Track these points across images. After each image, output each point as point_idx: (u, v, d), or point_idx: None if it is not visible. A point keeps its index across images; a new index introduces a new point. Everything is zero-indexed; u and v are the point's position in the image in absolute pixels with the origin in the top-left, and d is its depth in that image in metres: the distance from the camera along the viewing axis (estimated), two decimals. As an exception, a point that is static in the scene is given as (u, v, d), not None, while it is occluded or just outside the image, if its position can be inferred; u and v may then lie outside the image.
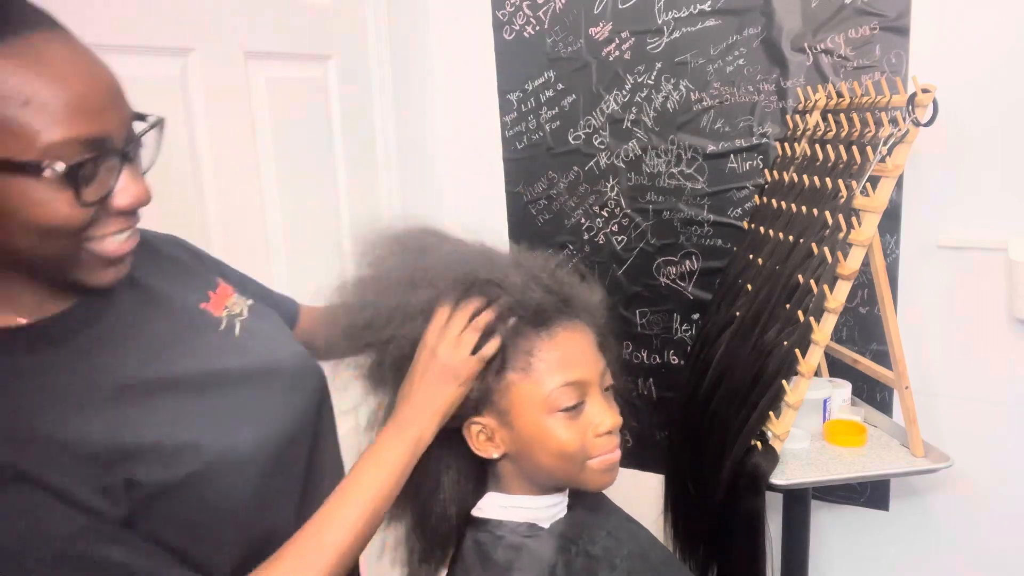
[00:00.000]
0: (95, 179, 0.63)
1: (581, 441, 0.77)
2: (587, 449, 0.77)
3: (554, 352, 0.77)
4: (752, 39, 1.60)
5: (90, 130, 0.61)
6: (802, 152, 1.41)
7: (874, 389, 1.59)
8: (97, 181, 0.63)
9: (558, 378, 0.76)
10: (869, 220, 1.15)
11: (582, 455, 0.77)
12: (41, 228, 0.61)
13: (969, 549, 1.59)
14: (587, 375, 0.78)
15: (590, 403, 0.78)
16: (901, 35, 1.45)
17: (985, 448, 1.52)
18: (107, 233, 0.66)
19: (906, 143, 1.14)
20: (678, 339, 1.81)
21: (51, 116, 0.59)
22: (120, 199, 0.65)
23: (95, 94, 0.62)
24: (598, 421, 0.77)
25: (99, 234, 0.65)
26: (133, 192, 0.66)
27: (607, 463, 0.79)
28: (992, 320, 1.48)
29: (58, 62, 0.60)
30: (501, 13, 1.85)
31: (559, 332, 0.78)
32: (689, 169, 1.72)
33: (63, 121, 0.59)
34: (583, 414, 0.78)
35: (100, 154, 0.62)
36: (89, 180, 0.62)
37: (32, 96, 0.58)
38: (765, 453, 1.21)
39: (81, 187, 0.61)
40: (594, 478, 0.79)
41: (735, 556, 1.26)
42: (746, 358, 1.28)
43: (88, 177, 0.62)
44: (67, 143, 0.60)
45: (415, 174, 1.92)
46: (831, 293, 1.17)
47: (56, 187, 0.60)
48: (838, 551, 1.74)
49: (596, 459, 0.78)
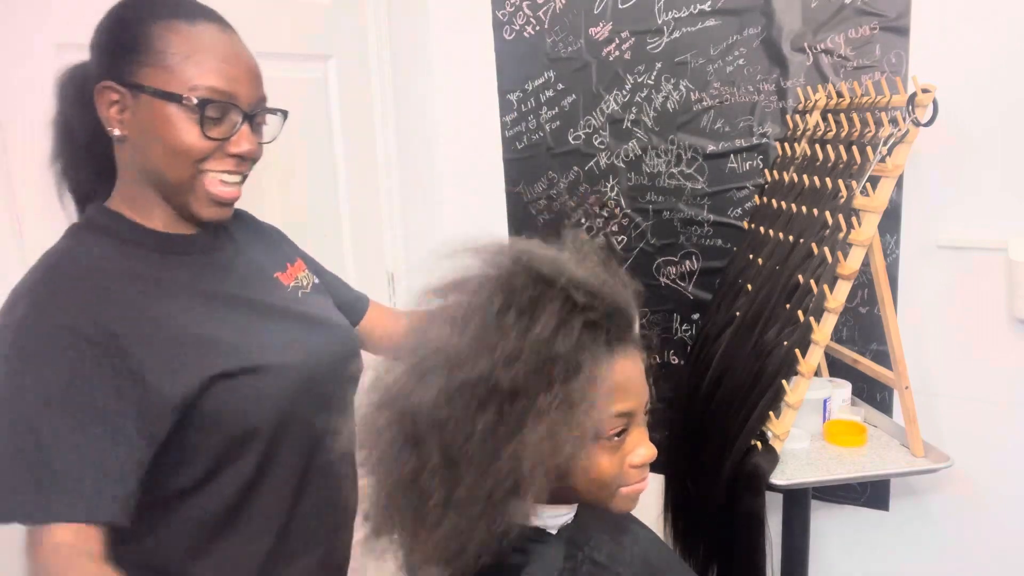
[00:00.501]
0: (219, 123, 0.85)
1: (618, 470, 0.75)
2: (621, 478, 0.75)
3: (613, 379, 0.72)
4: (752, 39, 1.60)
5: (223, 86, 0.84)
6: (802, 152, 1.41)
7: (874, 389, 1.59)
8: (220, 125, 0.85)
9: (612, 407, 0.73)
10: (869, 220, 1.15)
11: (616, 483, 0.76)
12: (172, 148, 0.84)
13: (969, 549, 1.59)
14: (637, 405, 0.75)
15: (632, 432, 0.76)
16: (901, 35, 1.45)
17: (985, 448, 1.52)
18: (219, 170, 0.87)
19: (906, 143, 1.14)
20: (678, 339, 1.81)
21: (198, 68, 0.83)
22: (235, 145, 0.87)
23: (233, 66, 0.86)
24: (638, 453, 0.76)
25: (213, 168, 0.87)
26: (247, 143, 0.87)
27: (636, 491, 0.77)
28: (992, 320, 1.48)
29: (214, 42, 0.86)
30: (501, 13, 1.85)
31: (619, 359, 0.73)
32: (689, 169, 1.72)
33: (206, 73, 0.84)
34: (624, 443, 0.75)
35: (227, 106, 0.85)
36: (213, 121, 0.85)
37: (191, 54, 0.83)
38: (765, 453, 1.21)
39: (206, 122, 0.84)
40: (620, 504, 0.78)
41: (735, 556, 1.26)
42: (746, 358, 1.28)
43: (213, 118, 0.84)
44: (205, 88, 0.83)
45: (415, 174, 1.92)
46: (831, 293, 1.17)
47: (189, 117, 0.83)
48: (838, 551, 1.74)
49: (627, 488, 0.76)
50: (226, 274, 0.95)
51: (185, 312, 0.87)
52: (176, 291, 0.88)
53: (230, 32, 0.88)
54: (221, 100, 0.84)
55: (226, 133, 0.86)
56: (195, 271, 0.91)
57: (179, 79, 0.83)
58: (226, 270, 0.95)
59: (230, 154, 0.87)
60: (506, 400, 0.66)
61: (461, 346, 0.67)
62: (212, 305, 0.90)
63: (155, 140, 0.84)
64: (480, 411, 0.66)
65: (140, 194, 0.89)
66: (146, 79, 0.83)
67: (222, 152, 0.86)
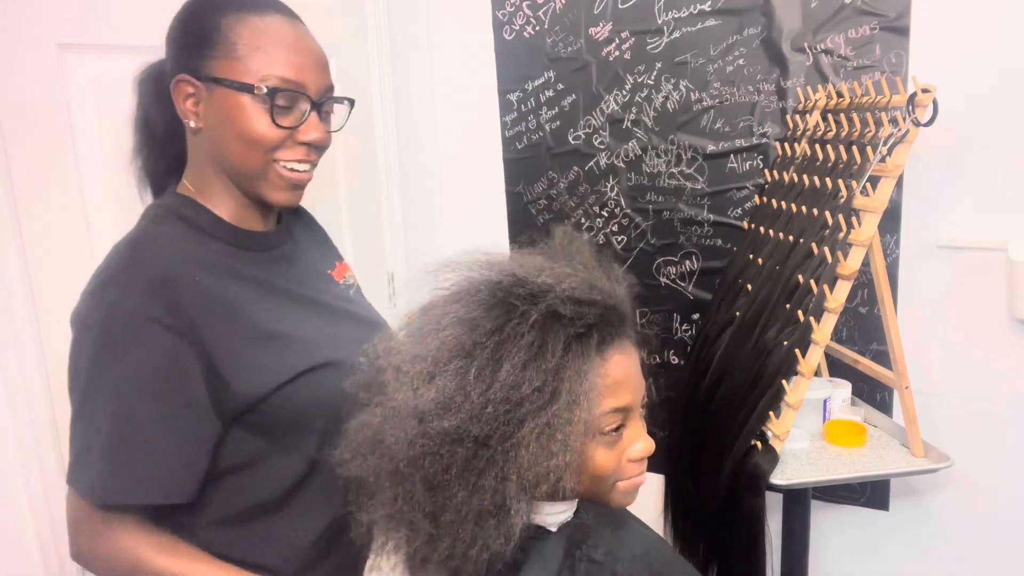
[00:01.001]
0: (288, 112, 0.88)
1: (616, 465, 0.75)
2: (619, 472, 0.76)
3: (606, 378, 0.73)
4: (752, 39, 1.60)
5: (292, 75, 0.87)
6: (802, 152, 1.41)
7: (874, 389, 1.59)
8: (290, 114, 0.88)
9: (607, 403, 0.73)
10: (869, 220, 1.15)
11: (613, 478, 0.76)
12: (246, 137, 0.87)
13: (969, 549, 1.59)
14: (633, 399, 0.76)
15: (629, 426, 0.76)
16: (901, 35, 1.45)
17: (985, 448, 1.52)
18: (291, 159, 0.90)
19: (906, 143, 1.14)
20: (678, 339, 1.81)
21: (268, 58, 0.86)
22: (304, 133, 0.89)
23: (301, 56, 0.89)
24: (635, 447, 0.76)
25: (284, 158, 0.89)
26: (316, 132, 0.90)
27: (634, 485, 0.78)
28: (992, 320, 1.48)
29: (283, 32, 0.88)
30: (501, 13, 1.85)
31: (613, 356, 0.74)
32: (689, 169, 1.72)
33: (275, 64, 0.86)
34: (621, 437, 0.76)
35: (295, 95, 0.88)
36: (283, 110, 0.88)
37: (261, 46, 0.86)
38: (765, 453, 1.21)
39: (276, 111, 0.87)
40: (617, 498, 0.78)
41: (735, 556, 1.26)
42: (746, 358, 1.28)
43: (283, 107, 0.87)
44: (275, 78, 0.86)
45: (415, 174, 1.92)
46: (831, 293, 1.17)
47: (260, 107, 0.86)
48: (838, 551, 1.74)
49: (625, 481, 0.77)
50: (290, 271, 0.98)
51: (257, 305, 0.90)
52: (250, 284, 0.91)
53: (297, 23, 0.91)
54: (290, 89, 0.87)
55: (295, 122, 0.88)
56: (264, 266, 0.95)
57: (250, 70, 0.86)
58: (290, 267, 0.99)
59: (300, 142, 0.89)
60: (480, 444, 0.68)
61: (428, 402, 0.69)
62: (281, 301, 0.93)
63: (228, 130, 0.87)
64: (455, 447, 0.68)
65: (212, 184, 0.92)
66: (219, 71, 0.86)
67: (292, 141, 0.89)
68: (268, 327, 0.89)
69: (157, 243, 0.87)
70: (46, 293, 1.15)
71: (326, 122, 0.94)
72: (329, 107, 0.94)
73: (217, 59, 0.86)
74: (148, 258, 0.84)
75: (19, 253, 1.13)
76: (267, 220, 0.98)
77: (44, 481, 1.18)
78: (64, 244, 1.17)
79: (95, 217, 1.20)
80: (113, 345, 0.80)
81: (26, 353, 1.15)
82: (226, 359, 0.84)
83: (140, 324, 0.80)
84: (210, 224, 0.91)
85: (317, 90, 0.90)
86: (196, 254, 0.88)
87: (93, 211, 1.20)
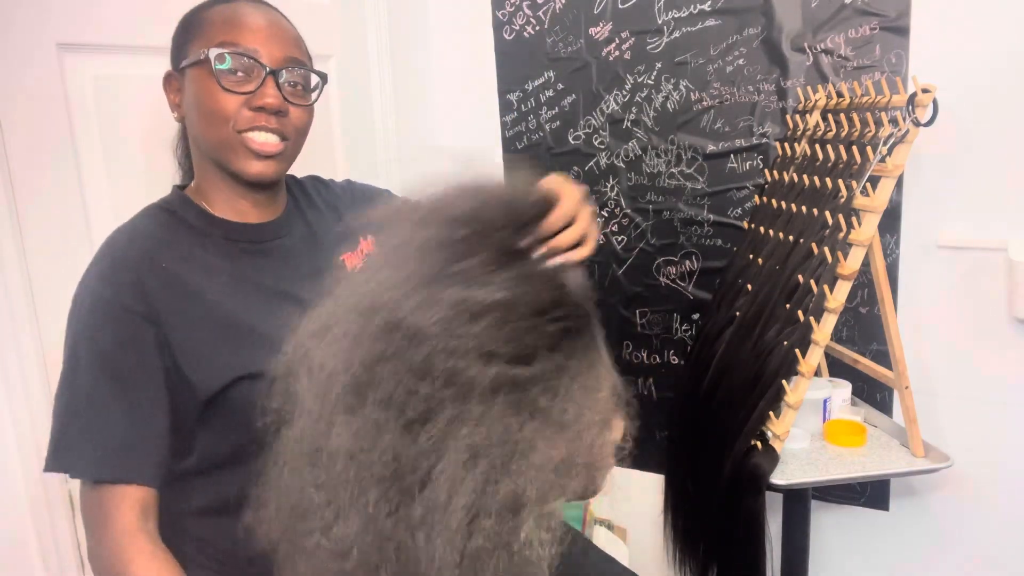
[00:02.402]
0: (244, 81, 0.90)
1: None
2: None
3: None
4: (752, 39, 1.59)
5: (242, 40, 0.89)
6: (802, 152, 1.41)
7: (874, 389, 1.59)
8: (246, 83, 0.90)
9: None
10: (869, 220, 1.15)
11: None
12: (205, 110, 0.90)
13: (969, 549, 1.59)
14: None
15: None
16: (901, 35, 1.45)
17: (985, 448, 1.52)
18: (252, 127, 0.91)
19: (906, 143, 1.14)
20: (678, 339, 1.81)
21: (222, 30, 0.90)
22: (260, 98, 0.90)
23: (256, 26, 0.91)
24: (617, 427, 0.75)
25: (245, 127, 0.90)
26: (270, 97, 0.90)
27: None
28: (992, 320, 1.48)
29: (244, 11, 0.92)
30: (501, 13, 1.85)
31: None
32: (689, 169, 1.72)
33: (228, 32, 0.89)
34: None
35: (249, 61, 0.89)
36: (238, 78, 0.89)
37: (219, 22, 0.90)
38: (765, 453, 1.21)
39: (225, 77, 0.88)
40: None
41: (735, 556, 1.26)
42: (746, 358, 1.28)
43: (238, 76, 0.89)
44: (225, 45, 0.89)
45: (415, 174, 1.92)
46: (831, 293, 1.17)
47: (212, 76, 0.88)
48: (838, 551, 1.74)
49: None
50: (279, 264, 0.98)
51: (228, 298, 0.91)
52: (226, 278, 0.92)
53: (265, 6, 0.95)
54: (239, 53, 0.89)
55: (247, 86, 0.90)
56: (252, 261, 0.96)
57: (207, 43, 0.90)
58: (281, 260, 0.99)
59: (255, 108, 0.90)
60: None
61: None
62: (257, 296, 0.93)
63: (195, 110, 0.92)
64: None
65: (207, 179, 0.96)
66: (187, 58, 0.92)
67: (249, 108, 0.90)
68: (234, 321, 0.90)
69: (133, 234, 0.91)
70: (46, 293, 1.14)
71: (295, 96, 0.94)
72: (294, 77, 0.94)
73: (188, 46, 0.92)
74: (123, 248, 0.89)
75: (19, 253, 1.13)
76: (264, 209, 1.00)
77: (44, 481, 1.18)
78: (64, 244, 1.17)
79: (95, 216, 1.20)
80: (84, 326, 0.85)
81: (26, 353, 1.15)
82: (186, 349, 0.87)
83: (108, 309, 0.85)
84: (197, 218, 0.95)
85: (273, 58, 0.91)
86: (173, 245, 0.91)
87: (93, 211, 1.20)
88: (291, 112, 0.94)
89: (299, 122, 0.96)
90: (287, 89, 0.93)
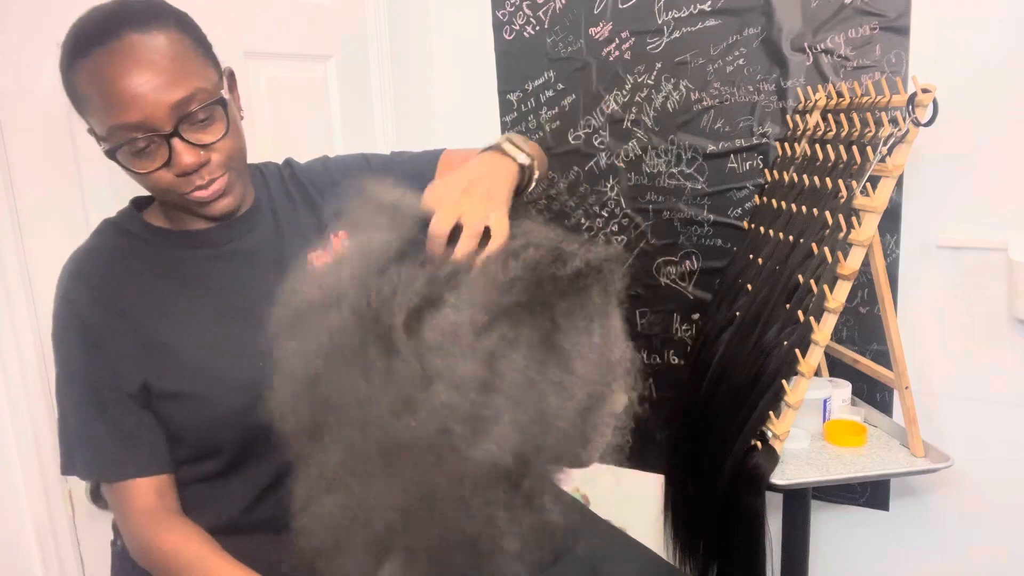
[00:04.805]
0: (143, 149, 0.81)
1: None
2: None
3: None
4: (752, 39, 1.60)
5: (128, 117, 0.79)
6: (802, 152, 1.41)
7: (874, 389, 1.59)
8: (147, 150, 0.82)
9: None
10: (869, 220, 1.15)
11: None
12: (144, 186, 0.86)
13: (969, 549, 1.59)
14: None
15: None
16: (901, 35, 1.45)
17: (985, 448, 1.52)
18: (190, 189, 0.85)
19: (906, 143, 1.14)
20: (678, 339, 1.81)
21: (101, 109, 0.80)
22: (175, 168, 0.83)
23: (135, 92, 0.78)
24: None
25: (185, 190, 0.85)
26: (185, 161, 0.83)
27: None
28: (992, 320, 1.48)
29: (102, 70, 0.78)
30: (501, 13, 1.85)
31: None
32: (689, 169, 1.72)
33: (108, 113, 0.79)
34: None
35: (140, 134, 0.80)
36: (138, 152, 0.82)
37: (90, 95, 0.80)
38: (765, 453, 1.21)
39: (130, 159, 0.82)
40: None
41: (735, 556, 1.26)
42: (746, 358, 1.28)
43: (135, 150, 0.81)
44: (112, 130, 0.80)
45: (415, 174, 1.92)
46: (831, 293, 1.17)
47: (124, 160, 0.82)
48: (838, 551, 1.74)
49: None
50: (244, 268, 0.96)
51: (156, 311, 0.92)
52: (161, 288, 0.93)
53: (115, 44, 0.79)
54: (129, 134, 0.80)
55: (159, 161, 0.83)
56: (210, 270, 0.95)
57: (97, 128, 0.82)
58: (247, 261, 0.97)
59: (179, 175, 0.84)
60: None
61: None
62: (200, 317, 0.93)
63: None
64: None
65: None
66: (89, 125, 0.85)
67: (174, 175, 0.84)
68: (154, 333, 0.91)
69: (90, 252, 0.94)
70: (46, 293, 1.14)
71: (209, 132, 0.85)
72: (197, 118, 0.83)
73: (82, 113, 0.84)
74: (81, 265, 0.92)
75: (19, 253, 1.13)
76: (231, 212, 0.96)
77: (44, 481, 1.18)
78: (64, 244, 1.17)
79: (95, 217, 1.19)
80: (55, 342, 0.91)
81: (26, 353, 1.15)
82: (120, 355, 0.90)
83: (68, 324, 0.90)
84: (143, 231, 0.95)
85: (166, 117, 0.80)
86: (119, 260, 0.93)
87: (93, 211, 1.20)
88: (215, 148, 0.86)
89: (229, 150, 0.87)
90: (197, 132, 0.83)
